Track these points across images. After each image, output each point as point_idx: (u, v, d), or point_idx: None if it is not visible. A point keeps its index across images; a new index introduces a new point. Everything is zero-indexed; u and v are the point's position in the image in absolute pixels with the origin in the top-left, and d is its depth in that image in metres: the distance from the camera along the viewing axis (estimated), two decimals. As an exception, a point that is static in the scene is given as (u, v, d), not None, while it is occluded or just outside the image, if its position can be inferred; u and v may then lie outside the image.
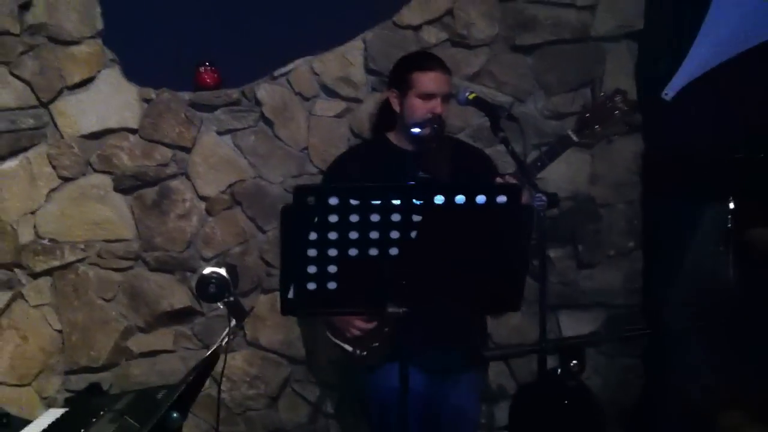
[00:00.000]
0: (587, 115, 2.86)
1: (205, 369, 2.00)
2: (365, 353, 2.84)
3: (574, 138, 2.84)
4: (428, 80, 2.90)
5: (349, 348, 2.87)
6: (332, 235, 2.03)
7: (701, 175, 2.86)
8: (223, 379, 3.43)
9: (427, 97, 2.88)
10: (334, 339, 2.96)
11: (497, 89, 3.48)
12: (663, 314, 3.17)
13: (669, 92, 3.42)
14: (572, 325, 3.52)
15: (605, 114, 2.84)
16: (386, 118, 3.05)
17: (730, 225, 2.67)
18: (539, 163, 2.83)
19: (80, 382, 3.44)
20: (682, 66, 3.41)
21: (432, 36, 3.46)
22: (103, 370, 3.48)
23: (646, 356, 3.54)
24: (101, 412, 2.10)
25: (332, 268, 2.07)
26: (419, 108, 2.88)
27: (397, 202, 2.02)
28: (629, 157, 3.54)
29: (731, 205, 2.69)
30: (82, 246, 3.45)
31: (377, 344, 2.81)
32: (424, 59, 3.04)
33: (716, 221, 2.88)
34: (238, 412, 3.53)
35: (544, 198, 2.54)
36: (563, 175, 3.44)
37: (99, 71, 3.42)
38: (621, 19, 3.51)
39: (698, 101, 3.41)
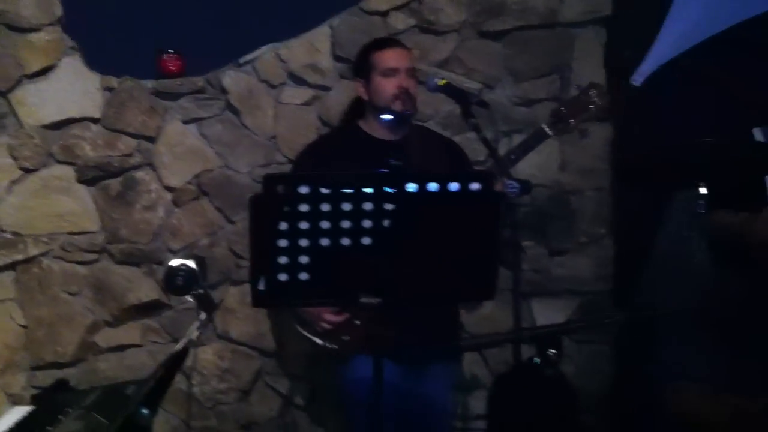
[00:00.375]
0: (562, 108, 2.86)
1: (174, 363, 1.95)
2: (335, 346, 2.81)
3: (549, 132, 2.84)
4: (387, 56, 2.89)
5: (318, 341, 2.83)
6: (303, 225, 2.00)
7: (671, 160, 2.86)
8: (194, 372, 3.41)
9: (391, 72, 2.87)
10: (303, 332, 2.92)
11: (466, 76, 3.47)
12: (635, 301, 3.19)
13: (638, 78, 3.43)
14: (544, 312, 3.52)
15: (580, 108, 2.85)
16: (357, 107, 3.02)
17: (701, 210, 2.67)
18: (513, 156, 2.82)
19: (46, 378, 3.38)
20: (651, 51, 3.42)
21: (400, 22, 3.44)
22: (69, 365, 3.42)
23: (616, 343, 3.55)
24: (68, 409, 2.06)
25: (304, 259, 2.03)
26: (386, 85, 2.87)
27: (369, 190, 1.99)
28: (599, 144, 3.55)
29: (702, 190, 2.69)
30: (46, 239, 3.39)
31: (347, 337, 2.78)
32: (381, 40, 3.07)
33: (687, 206, 2.89)
34: (209, 406, 3.50)
35: (516, 185, 2.53)
36: (533, 162, 3.42)
37: (59, 59, 3.35)
38: (589, 5, 3.51)
39: (668, 86, 3.42)
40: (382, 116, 2.85)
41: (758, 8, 3.39)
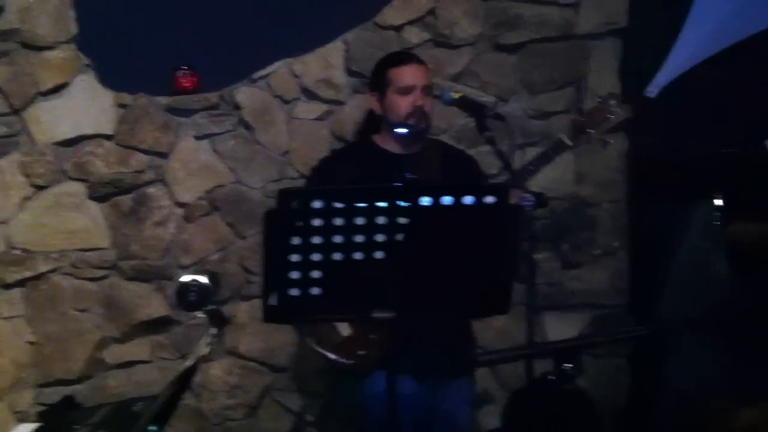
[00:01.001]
0: (582, 119, 2.83)
1: (184, 380, 1.92)
2: (351, 362, 2.77)
3: (568, 142, 2.80)
4: (404, 73, 2.86)
5: (333, 356, 2.79)
6: (316, 240, 1.99)
7: (688, 172, 2.83)
8: (202, 389, 3.38)
9: (406, 90, 2.84)
10: (316, 347, 2.88)
11: (481, 89, 3.45)
12: (655, 313, 3.14)
13: (653, 89, 3.40)
14: (558, 326, 3.48)
15: (600, 118, 2.80)
16: (372, 122, 3.00)
17: (718, 222, 2.63)
18: (531, 167, 2.78)
19: (54, 395, 3.35)
20: (666, 63, 3.40)
21: (414, 36, 3.42)
22: (77, 382, 3.40)
23: (633, 356, 3.51)
24: (76, 426, 2.03)
25: (316, 274, 2.02)
26: (400, 103, 2.84)
27: (382, 204, 1.98)
28: (614, 156, 3.52)
29: (719, 202, 2.65)
30: (56, 256, 3.37)
31: (363, 352, 2.75)
32: (397, 55, 3.03)
33: (705, 218, 2.85)
34: (216, 422, 3.47)
35: (532, 198, 2.51)
36: (548, 174, 3.32)
37: (73, 77, 3.34)
38: (605, 16, 3.49)
39: (683, 98, 3.39)
40: (396, 129, 2.82)
41: (773, 20, 3.36)
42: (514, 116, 3.42)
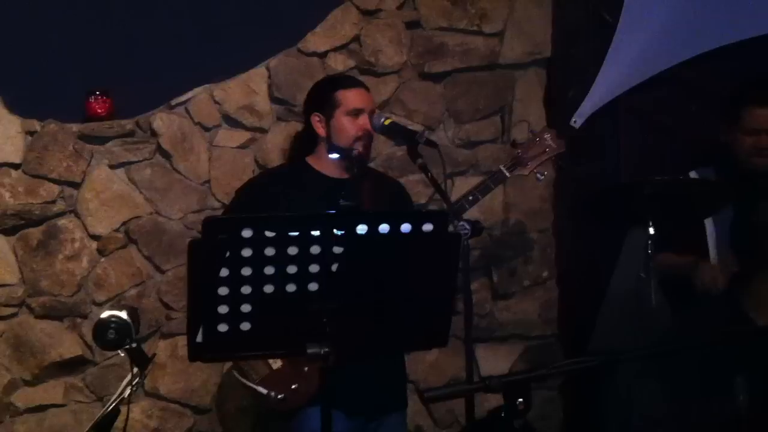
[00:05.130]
0: (519, 152, 2.90)
1: (105, 425, 1.79)
2: (282, 396, 2.65)
3: (507, 174, 2.88)
4: (354, 96, 2.84)
5: (263, 390, 2.67)
6: (246, 271, 1.90)
7: (618, 200, 2.85)
8: (121, 433, 3.20)
9: (356, 113, 2.82)
10: (244, 381, 2.76)
11: (408, 117, 3.46)
12: (589, 344, 3.14)
13: (577, 119, 3.45)
14: (489, 359, 3.47)
15: (536, 152, 2.89)
16: (306, 144, 2.93)
17: (650, 250, 2.65)
18: (471, 197, 2.83)
19: (-44, 446, 3.13)
20: (590, 93, 3.47)
21: (339, 63, 3.41)
22: (-17, 429, 3.18)
23: (564, 388, 3.50)
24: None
25: (246, 308, 1.93)
26: (350, 126, 2.82)
27: (316, 232, 1.90)
28: (541, 186, 3.55)
29: (651, 230, 2.67)
30: (-41, 293, 3.16)
31: (296, 385, 2.63)
32: (346, 78, 3.04)
33: (638, 247, 2.87)
34: (137, 469, 3.29)
35: (468, 226, 2.49)
36: (477, 203, 3.39)
37: (-24, 102, 3.16)
38: (529, 46, 3.58)
39: (608, 127, 3.43)
40: (330, 155, 2.77)
41: (694, 51, 3.45)
42: (441, 145, 3.40)
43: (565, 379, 3.48)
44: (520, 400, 1.64)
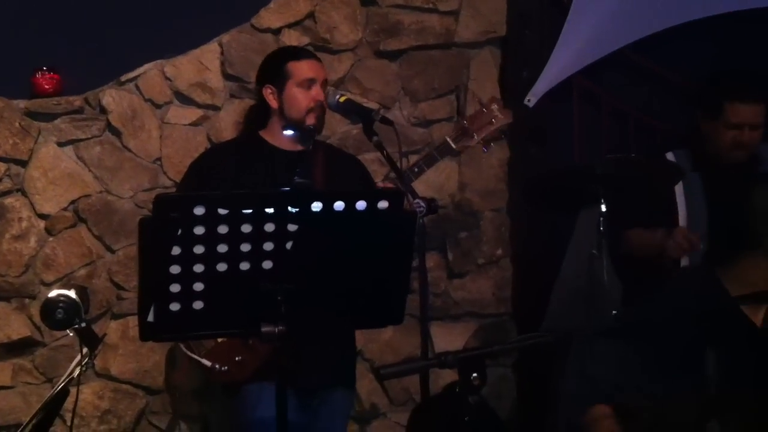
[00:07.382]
0: (465, 123, 2.85)
1: (54, 405, 1.76)
2: (225, 368, 2.63)
3: (453, 145, 2.82)
4: (306, 67, 2.81)
5: (207, 363, 2.64)
6: (198, 249, 1.89)
7: (571, 179, 2.87)
8: (71, 415, 3.16)
9: (308, 84, 2.79)
10: (189, 353, 2.73)
11: (363, 96, 3.43)
12: (542, 322, 3.17)
13: (531, 98, 3.47)
14: (445, 337, 3.49)
15: (482, 123, 2.84)
16: (258, 117, 2.90)
17: (602, 228, 2.68)
18: (416, 169, 2.77)
19: None
20: (544, 72, 3.48)
21: (293, 40, 3.37)
22: (-71, 414, 3.11)
23: (518, 365, 3.53)
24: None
25: (198, 286, 1.92)
26: (302, 97, 2.78)
27: (270, 210, 1.89)
28: (496, 165, 3.58)
29: (603, 207, 2.70)
30: None
31: (239, 358, 2.61)
32: (298, 49, 3.00)
33: (589, 225, 2.90)
34: (88, 451, 3.25)
35: (423, 204, 2.48)
36: (432, 182, 3.44)
37: None
38: (484, 25, 3.56)
39: (562, 106, 3.45)
40: (284, 132, 2.73)
41: (644, 31, 3.49)
42: (397, 124, 3.39)
43: (519, 357, 3.52)
44: (475, 374, 1.65)
